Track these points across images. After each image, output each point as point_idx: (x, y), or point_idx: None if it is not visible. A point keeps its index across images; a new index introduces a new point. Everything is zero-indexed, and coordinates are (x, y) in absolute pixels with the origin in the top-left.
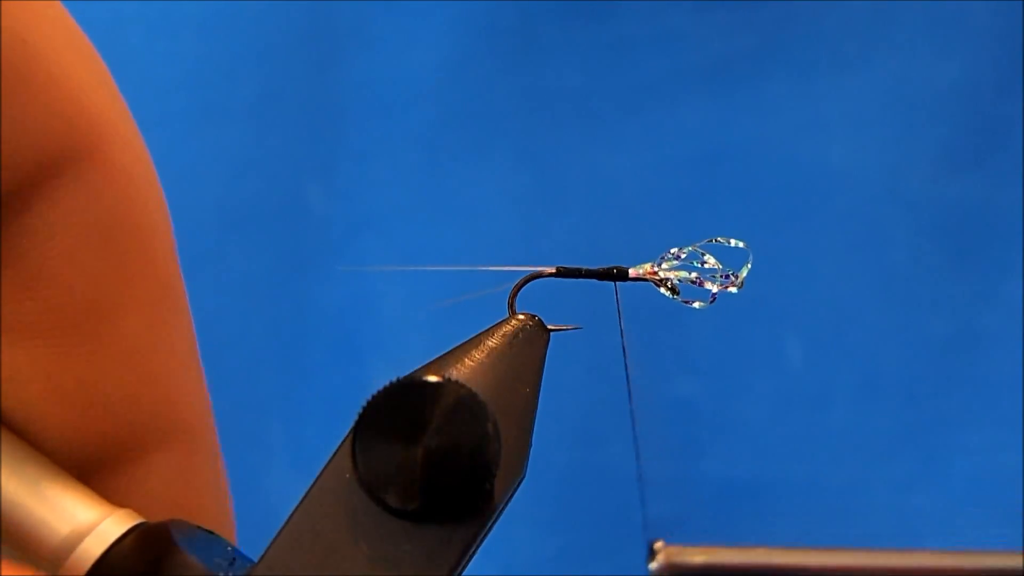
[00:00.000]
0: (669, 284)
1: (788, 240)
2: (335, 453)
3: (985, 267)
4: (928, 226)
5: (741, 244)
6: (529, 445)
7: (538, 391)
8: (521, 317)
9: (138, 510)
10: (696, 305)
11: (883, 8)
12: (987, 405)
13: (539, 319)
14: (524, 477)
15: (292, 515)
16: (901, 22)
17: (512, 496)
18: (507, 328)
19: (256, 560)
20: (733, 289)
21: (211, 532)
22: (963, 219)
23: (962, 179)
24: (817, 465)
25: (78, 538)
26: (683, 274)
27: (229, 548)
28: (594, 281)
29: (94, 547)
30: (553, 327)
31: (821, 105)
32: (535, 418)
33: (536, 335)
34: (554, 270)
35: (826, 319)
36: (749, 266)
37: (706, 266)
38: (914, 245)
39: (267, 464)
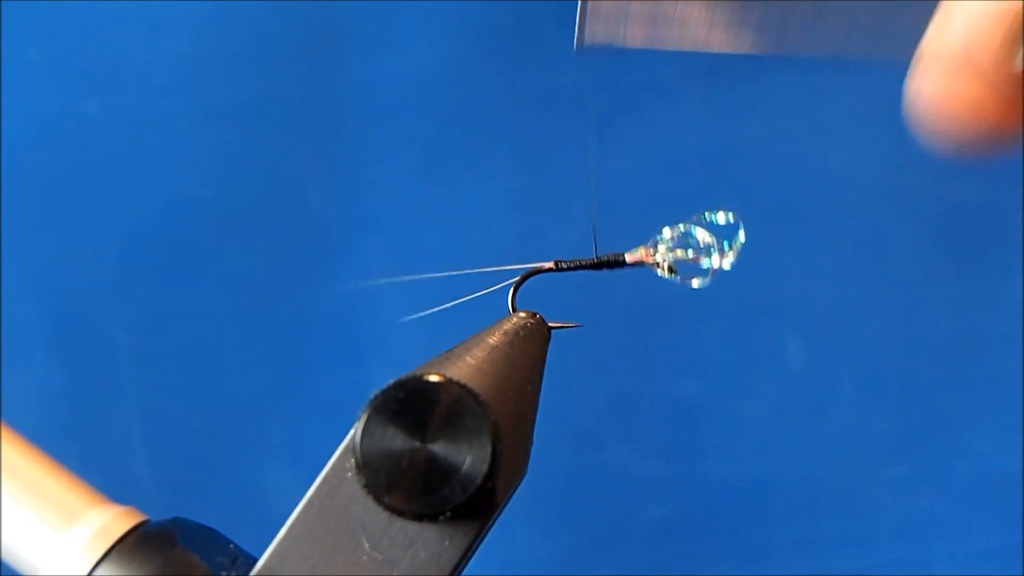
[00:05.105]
0: (666, 265)
1: (789, 241)
2: (336, 453)
3: (985, 267)
4: (929, 227)
5: (730, 217)
6: (530, 443)
7: (539, 389)
8: (522, 315)
9: None
10: (695, 283)
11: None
12: (987, 407)
13: (540, 317)
14: (525, 475)
15: (294, 515)
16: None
17: (513, 494)
18: (508, 326)
19: (258, 558)
20: (726, 264)
21: (212, 530)
22: (963, 219)
23: (962, 180)
24: (818, 466)
25: (81, 537)
26: (679, 252)
27: (231, 546)
28: (594, 280)
29: (97, 546)
30: (554, 324)
31: (822, 106)
32: (536, 416)
33: (537, 333)
34: (552, 265)
35: (827, 320)
36: (741, 237)
37: (700, 243)
38: (915, 246)
39: (267, 464)
